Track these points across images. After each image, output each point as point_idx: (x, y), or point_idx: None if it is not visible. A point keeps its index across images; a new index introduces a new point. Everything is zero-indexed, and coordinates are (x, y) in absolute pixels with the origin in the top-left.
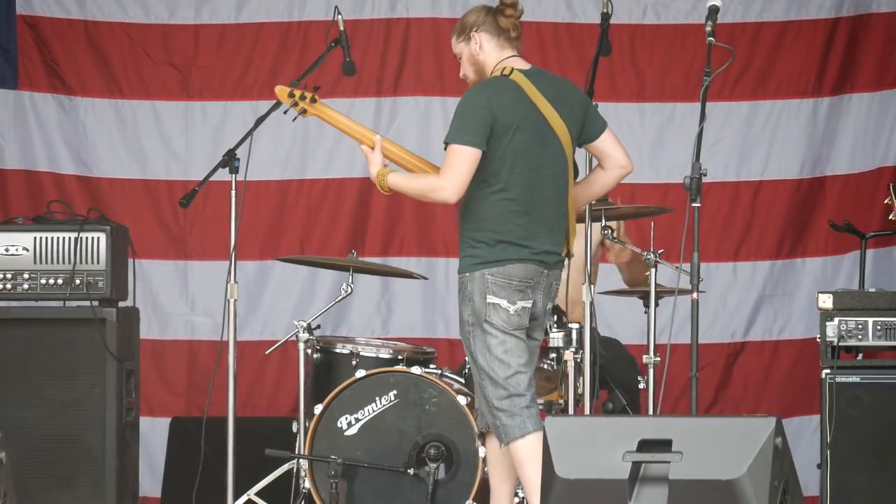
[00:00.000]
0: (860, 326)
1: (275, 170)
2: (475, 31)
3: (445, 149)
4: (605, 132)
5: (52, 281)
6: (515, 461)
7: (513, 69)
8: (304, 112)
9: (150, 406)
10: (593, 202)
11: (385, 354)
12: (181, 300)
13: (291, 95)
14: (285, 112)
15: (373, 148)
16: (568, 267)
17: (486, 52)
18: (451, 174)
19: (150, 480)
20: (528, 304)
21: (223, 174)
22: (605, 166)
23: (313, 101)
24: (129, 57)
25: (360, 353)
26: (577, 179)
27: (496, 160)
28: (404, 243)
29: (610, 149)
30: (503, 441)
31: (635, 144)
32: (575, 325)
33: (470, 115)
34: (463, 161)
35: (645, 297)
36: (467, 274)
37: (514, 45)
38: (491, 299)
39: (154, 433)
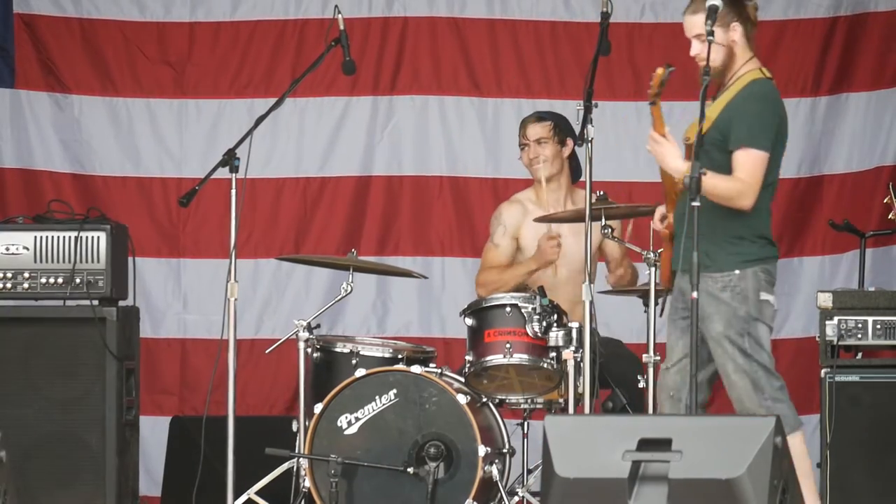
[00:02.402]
0: (860, 325)
1: (270, 167)
2: (737, 21)
3: (739, 148)
4: None
5: (52, 280)
6: (796, 452)
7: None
8: (653, 104)
9: (143, 405)
10: (593, 201)
11: (385, 353)
12: (174, 298)
13: (662, 84)
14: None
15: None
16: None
17: (740, 48)
18: (754, 181)
19: (149, 480)
20: None
21: (217, 171)
22: None
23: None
24: (123, 55)
25: (360, 353)
26: (581, 178)
27: (770, 162)
28: (400, 243)
29: None
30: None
31: (632, 143)
32: (575, 325)
33: (770, 118)
34: (763, 167)
35: (644, 296)
36: (738, 272)
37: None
38: (763, 296)
39: (152, 432)
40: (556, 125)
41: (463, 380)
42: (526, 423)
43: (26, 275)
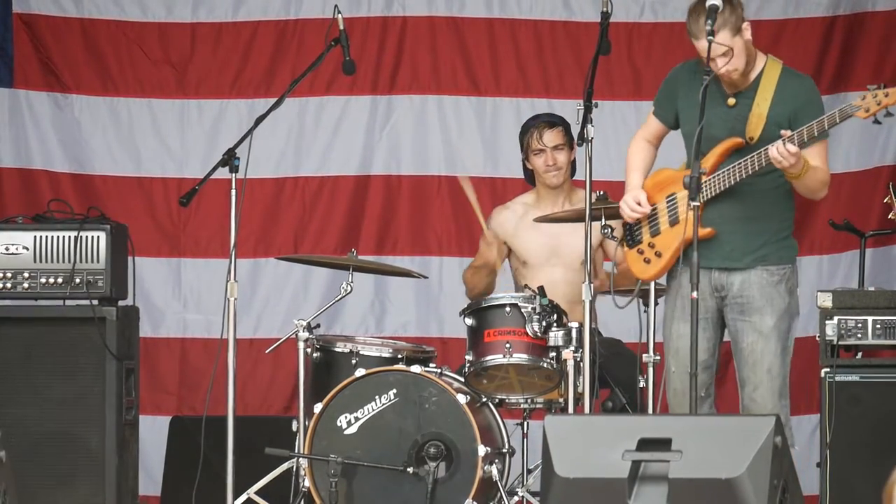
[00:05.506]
0: (860, 325)
1: (269, 167)
2: (746, 21)
3: (819, 139)
4: None
5: (51, 280)
6: None
7: None
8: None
9: (143, 404)
10: (593, 201)
11: (385, 353)
12: (174, 298)
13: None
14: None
15: None
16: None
17: (751, 44)
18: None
19: (148, 480)
20: None
21: (217, 171)
22: None
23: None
24: (125, 55)
25: (360, 352)
26: (573, 177)
27: None
28: (398, 242)
29: None
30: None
31: None
32: (574, 325)
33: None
34: None
35: (644, 296)
36: (791, 266)
37: None
38: (797, 290)
39: (151, 432)
40: (566, 130)
41: (463, 379)
42: (526, 423)
43: (26, 275)
